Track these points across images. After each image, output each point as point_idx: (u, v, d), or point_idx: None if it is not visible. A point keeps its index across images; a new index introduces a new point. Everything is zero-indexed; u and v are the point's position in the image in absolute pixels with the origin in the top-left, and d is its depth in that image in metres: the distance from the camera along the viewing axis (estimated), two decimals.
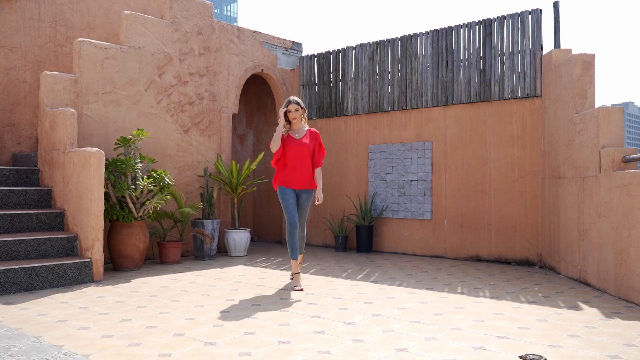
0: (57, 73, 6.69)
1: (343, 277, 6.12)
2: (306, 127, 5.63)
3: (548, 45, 13.98)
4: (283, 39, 9.58)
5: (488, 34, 7.53)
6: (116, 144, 6.72)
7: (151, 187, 6.51)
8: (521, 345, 3.48)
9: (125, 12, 7.42)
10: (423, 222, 8.12)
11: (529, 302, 4.80)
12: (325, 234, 9.20)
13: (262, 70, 9.15)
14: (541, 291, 5.34)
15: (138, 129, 6.75)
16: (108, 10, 8.46)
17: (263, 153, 8.65)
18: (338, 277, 6.13)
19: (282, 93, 9.45)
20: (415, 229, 8.20)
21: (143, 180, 6.50)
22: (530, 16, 7.19)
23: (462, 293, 5.23)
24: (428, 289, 5.42)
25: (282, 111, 5.47)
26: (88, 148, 5.97)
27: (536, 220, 7.11)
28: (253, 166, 8.20)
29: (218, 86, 8.48)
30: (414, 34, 8.26)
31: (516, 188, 7.28)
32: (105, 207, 6.43)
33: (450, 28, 7.90)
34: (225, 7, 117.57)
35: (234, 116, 9.36)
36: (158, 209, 6.84)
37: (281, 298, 4.99)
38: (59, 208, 6.32)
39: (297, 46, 9.81)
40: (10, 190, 6.17)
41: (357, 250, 8.45)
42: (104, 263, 6.70)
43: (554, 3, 6.87)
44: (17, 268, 5.24)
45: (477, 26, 7.65)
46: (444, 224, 7.91)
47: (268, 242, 10.02)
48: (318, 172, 5.61)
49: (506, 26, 7.38)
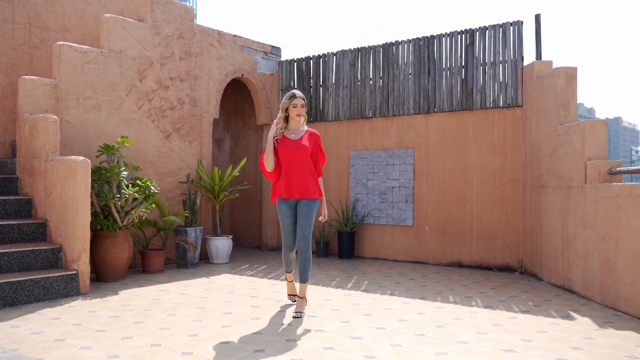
0: (37, 78, 6.48)
1: (333, 286, 6.14)
2: (305, 128, 4.84)
3: (529, 56, 13.92)
4: (262, 43, 9.52)
5: (470, 44, 7.66)
6: (99, 151, 6.55)
7: (136, 196, 6.38)
8: (530, 359, 3.57)
9: (105, 15, 7.24)
10: (405, 229, 8.21)
11: (523, 312, 4.92)
12: None
13: (242, 74, 9.07)
14: (530, 299, 5.48)
15: (122, 136, 6.60)
16: (84, 11, 8.23)
17: (245, 159, 8.58)
18: (328, 286, 6.14)
19: (262, 98, 9.40)
20: (397, 235, 8.28)
21: (128, 188, 6.36)
22: (511, 27, 7.35)
23: (456, 302, 5.32)
24: (421, 299, 5.49)
25: (280, 116, 4.76)
26: (74, 157, 5.80)
27: (517, 227, 7.29)
28: (236, 172, 8.12)
29: (199, 91, 8.37)
30: (396, 42, 8.34)
31: (497, 195, 7.44)
32: None
33: (432, 37, 8.00)
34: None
35: (212, 120, 9.24)
36: (143, 218, 6.70)
37: (280, 310, 4.97)
38: (41, 218, 6.13)
39: (277, 50, 9.76)
40: None
41: (339, 256, 8.48)
42: None
43: (536, 16, 7.05)
44: (2, 282, 5.05)
45: (460, 35, 7.77)
46: (426, 230, 8.01)
47: (247, 248, 9.94)
48: (321, 182, 4.89)
49: (488, 36, 7.53)
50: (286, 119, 4.80)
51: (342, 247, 8.44)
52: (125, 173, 6.41)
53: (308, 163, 4.74)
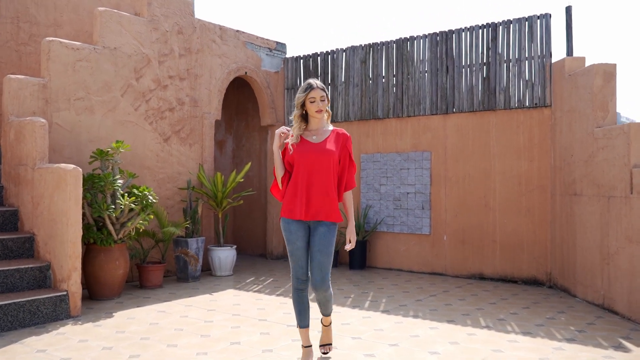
0: (23, 77, 5.91)
1: (349, 306, 5.59)
2: (330, 127, 3.79)
3: (557, 52, 13.11)
4: (267, 39, 8.96)
5: (493, 39, 7.10)
6: (92, 157, 6.00)
7: (133, 206, 5.82)
8: None
9: (99, 9, 6.67)
10: (421, 237, 7.66)
11: (568, 340, 4.37)
12: None
13: (246, 72, 8.51)
14: (570, 322, 4.94)
15: (117, 141, 6.04)
16: (77, 5, 7.66)
17: (250, 163, 8.02)
18: (344, 305, 5.59)
19: (267, 97, 8.83)
20: (412, 244, 7.73)
21: (124, 198, 5.80)
22: (538, 21, 6.79)
23: (489, 327, 4.77)
24: (449, 322, 4.94)
25: (296, 114, 3.71)
26: (63, 165, 5.24)
27: (545, 237, 6.74)
28: (240, 178, 7.56)
29: (200, 90, 7.80)
30: (411, 37, 7.77)
31: (523, 203, 6.89)
32: None
33: (450, 31, 7.44)
34: None
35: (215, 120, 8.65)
36: (140, 230, 6.14)
37: (293, 340, 4.42)
38: (28, 232, 5.57)
39: (282, 47, 9.20)
40: None
41: (350, 266, 7.93)
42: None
43: (567, 8, 6.49)
44: None
45: (481, 30, 7.21)
46: (444, 240, 7.47)
47: (251, 256, 9.39)
48: (348, 199, 3.77)
49: (513, 31, 6.97)
50: (304, 118, 3.73)
51: (353, 257, 7.89)
52: (120, 181, 5.85)
53: (333, 173, 3.64)
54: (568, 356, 3.99)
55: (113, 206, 5.71)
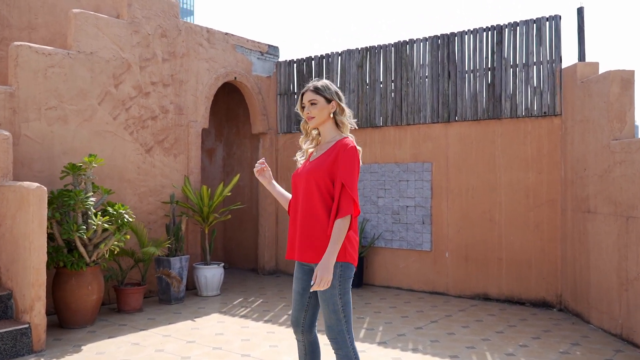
0: None
1: None
2: (339, 137, 2.89)
3: (566, 57, 12.53)
4: (258, 42, 8.47)
5: (498, 43, 6.61)
6: (63, 172, 5.52)
7: (106, 226, 5.33)
8: None
9: (73, 11, 6.19)
10: (421, 254, 7.17)
11: None
12: None
13: (235, 77, 8.02)
14: (586, 357, 4.45)
15: (91, 155, 5.56)
16: (53, 6, 7.17)
17: (238, 175, 7.53)
18: None
19: (258, 103, 8.34)
20: (412, 261, 7.24)
21: (97, 217, 5.32)
22: (547, 23, 6.30)
23: None
24: (452, 358, 4.45)
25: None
26: (26, 183, 4.75)
27: (555, 255, 6.25)
28: (227, 192, 7.08)
29: (185, 97, 7.31)
30: (410, 40, 7.28)
31: (531, 218, 6.40)
32: (49, 251, 5.22)
33: (453, 34, 6.95)
34: (181, 0, 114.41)
35: (202, 129, 8.17)
36: (115, 252, 5.65)
37: None
38: None
39: (274, 50, 8.71)
40: None
41: None
42: (48, 314, 5.54)
43: (578, 9, 6.01)
44: None
45: (485, 33, 6.72)
46: (446, 256, 6.98)
47: (242, 271, 8.90)
48: (335, 225, 2.71)
49: (519, 34, 6.48)
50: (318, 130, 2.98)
51: None
52: (93, 199, 5.36)
53: (322, 201, 2.78)
54: None
55: (84, 226, 5.22)
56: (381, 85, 7.51)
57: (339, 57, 7.92)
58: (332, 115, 2.91)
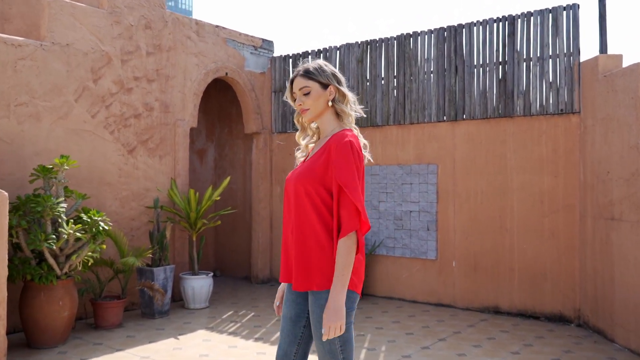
0: None
1: None
2: (338, 129, 2.33)
3: (586, 49, 11.66)
4: (251, 36, 7.94)
5: (510, 34, 6.10)
6: (32, 175, 5.00)
7: (79, 235, 4.80)
8: None
9: None
10: (426, 263, 6.65)
11: None
12: None
13: (227, 73, 7.49)
14: None
15: (62, 156, 5.03)
16: None
17: (229, 178, 6.99)
18: None
19: (251, 101, 7.82)
20: (416, 270, 6.72)
21: (68, 225, 4.79)
22: (564, 12, 5.79)
23: None
24: None
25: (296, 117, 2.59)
26: None
27: (573, 266, 5.73)
28: (216, 196, 6.55)
29: (172, 94, 6.78)
30: (414, 33, 6.77)
31: (546, 225, 5.88)
32: (15, 263, 4.73)
33: (460, 26, 6.43)
34: (180, 0, 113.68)
35: (192, 129, 7.63)
36: (89, 263, 5.12)
37: None
38: None
39: (268, 45, 8.19)
40: None
41: None
42: (15, 332, 5.03)
43: None
44: None
45: (496, 24, 6.21)
46: (453, 266, 6.46)
47: (233, 279, 8.37)
48: (340, 251, 2.14)
49: (533, 24, 5.96)
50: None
51: None
52: (64, 205, 4.84)
53: (316, 210, 2.22)
54: None
55: (54, 235, 4.70)
56: (383, 81, 6.98)
57: (338, 52, 7.40)
58: (331, 103, 2.34)
